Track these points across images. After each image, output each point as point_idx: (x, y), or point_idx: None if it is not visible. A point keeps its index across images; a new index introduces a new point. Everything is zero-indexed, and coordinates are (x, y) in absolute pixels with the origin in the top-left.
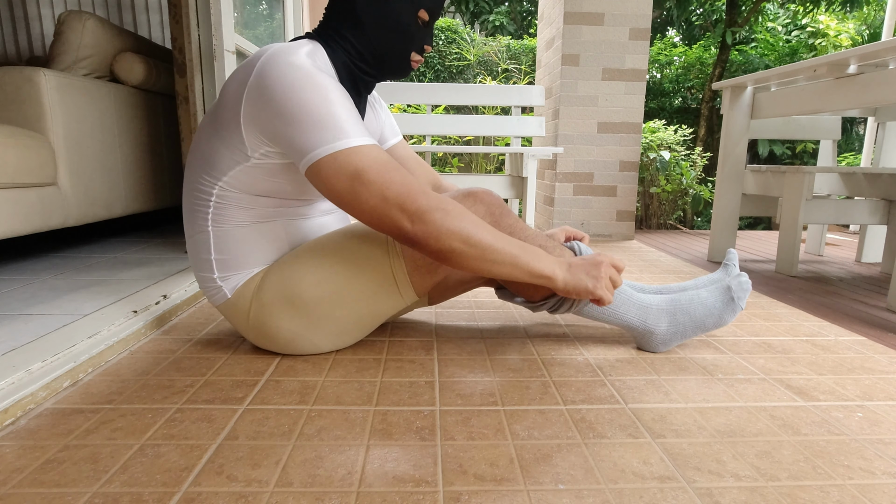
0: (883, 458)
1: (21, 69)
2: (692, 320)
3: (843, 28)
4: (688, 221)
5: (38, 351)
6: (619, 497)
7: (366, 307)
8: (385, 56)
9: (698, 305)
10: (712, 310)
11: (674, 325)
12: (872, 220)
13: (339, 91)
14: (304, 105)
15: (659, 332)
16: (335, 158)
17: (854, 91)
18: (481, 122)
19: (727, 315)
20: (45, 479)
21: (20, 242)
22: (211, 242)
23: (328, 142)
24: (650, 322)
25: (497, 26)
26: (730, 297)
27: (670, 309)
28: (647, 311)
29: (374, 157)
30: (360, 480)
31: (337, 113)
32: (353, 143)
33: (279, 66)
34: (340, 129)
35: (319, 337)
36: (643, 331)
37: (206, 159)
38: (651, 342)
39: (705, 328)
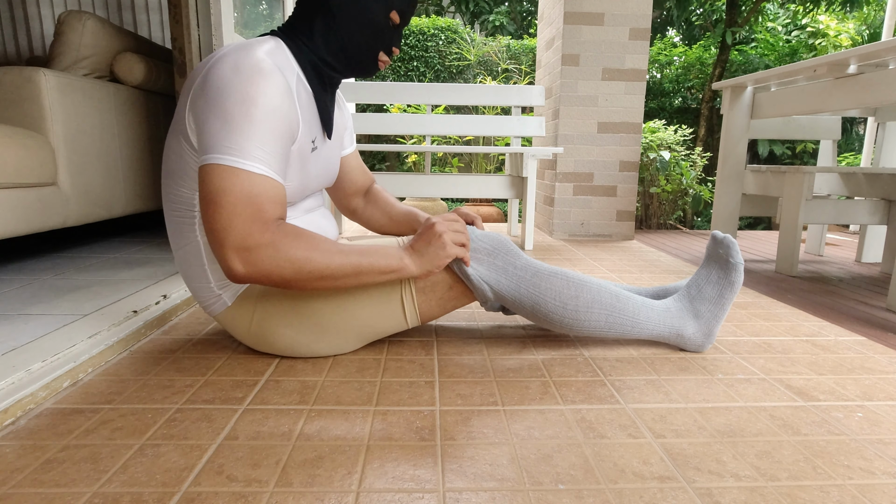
0: (883, 458)
1: (21, 69)
2: (711, 302)
3: (843, 28)
4: (688, 221)
5: (38, 351)
6: (619, 497)
7: (369, 327)
8: (354, 53)
9: (705, 285)
10: (720, 280)
11: (699, 317)
12: (872, 220)
13: (273, 111)
14: (226, 108)
15: (690, 331)
16: (213, 170)
17: (854, 91)
18: (481, 122)
19: (733, 275)
20: (45, 479)
21: (20, 242)
22: (202, 251)
23: (221, 151)
24: (677, 325)
25: (497, 26)
26: (725, 260)
27: (687, 305)
28: (670, 314)
29: (244, 187)
30: (360, 480)
31: (248, 129)
32: (240, 165)
33: (226, 65)
34: (240, 145)
35: (319, 345)
36: (674, 336)
37: (176, 168)
38: (688, 343)
39: (726, 300)
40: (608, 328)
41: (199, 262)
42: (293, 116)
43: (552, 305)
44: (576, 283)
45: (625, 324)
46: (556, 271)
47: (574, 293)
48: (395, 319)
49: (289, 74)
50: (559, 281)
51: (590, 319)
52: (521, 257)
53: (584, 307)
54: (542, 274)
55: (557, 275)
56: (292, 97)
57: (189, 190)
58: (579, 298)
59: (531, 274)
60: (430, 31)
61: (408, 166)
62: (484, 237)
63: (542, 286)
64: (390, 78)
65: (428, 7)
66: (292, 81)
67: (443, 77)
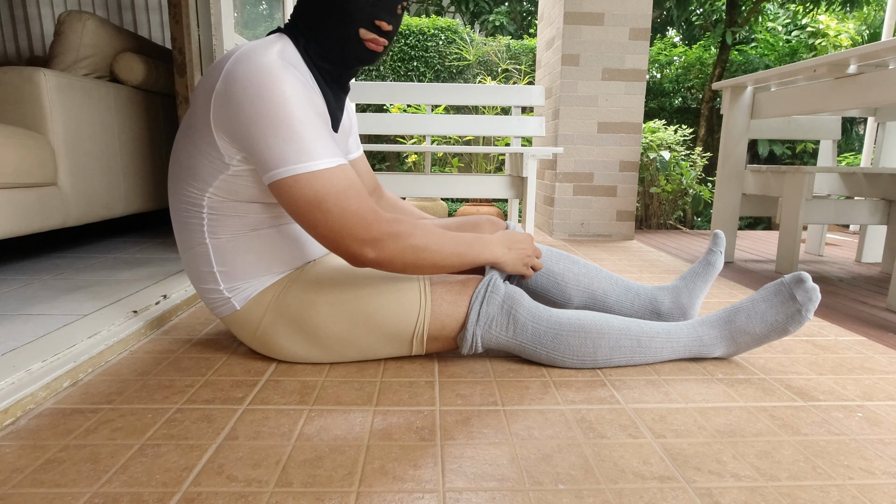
0: (883, 458)
1: (21, 69)
2: (754, 339)
3: (843, 28)
4: (688, 221)
5: (38, 351)
6: (619, 497)
7: (372, 350)
8: (334, 39)
9: (758, 323)
10: (775, 325)
11: (733, 345)
12: (872, 220)
13: (306, 101)
14: (270, 117)
15: (716, 355)
16: (296, 181)
17: (854, 91)
18: (481, 122)
19: (792, 327)
20: (45, 479)
21: (20, 242)
22: (211, 255)
23: (290, 162)
24: (705, 352)
25: (497, 26)
26: (795, 309)
27: (726, 334)
28: (700, 343)
29: (334, 184)
30: (360, 480)
31: (301, 130)
32: (315, 167)
33: (247, 70)
34: (303, 149)
35: (321, 357)
36: (699, 356)
37: (187, 170)
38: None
39: (768, 340)
40: (631, 362)
41: (208, 265)
42: (319, 102)
43: (570, 362)
44: (594, 337)
45: (647, 359)
46: (573, 328)
47: (592, 349)
48: (400, 351)
49: (301, 70)
50: (577, 339)
51: (614, 363)
52: (535, 315)
53: (604, 358)
54: (561, 335)
55: (575, 333)
56: (308, 83)
57: (199, 193)
58: (598, 353)
59: (551, 337)
60: (430, 31)
61: (408, 166)
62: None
63: (561, 348)
64: (390, 78)
65: (428, 7)
66: (307, 80)
67: (443, 77)
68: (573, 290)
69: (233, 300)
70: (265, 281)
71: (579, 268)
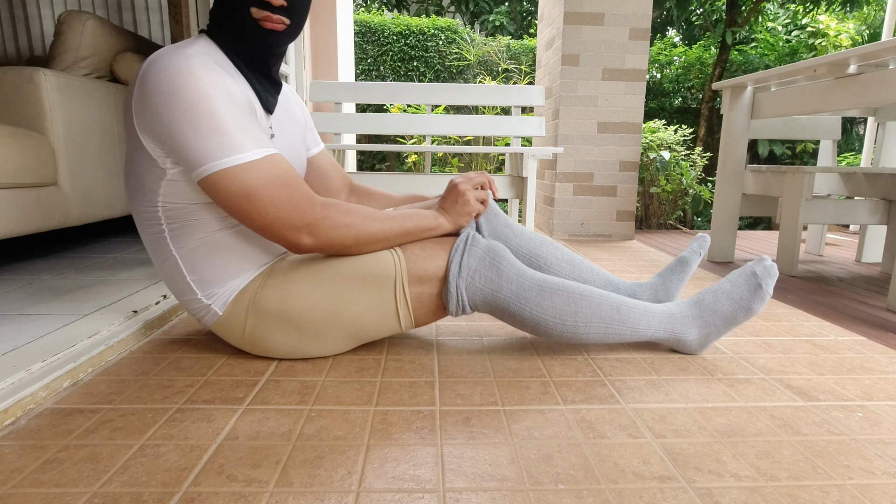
0: (883, 458)
1: (21, 69)
2: (722, 318)
3: (843, 28)
4: (688, 221)
5: (38, 351)
6: (619, 497)
7: (363, 330)
8: (233, 25)
9: (725, 300)
10: (740, 302)
11: (703, 327)
12: (872, 220)
13: (224, 94)
14: (187, 114)
15: (690, 337)
16: (223, 176)
17: (854, 91)
18: (481, 122)
19: (756, 303)
20: (45, 479)
21: (20, 242)
22: (181, 265)
23: (214, 157)
24: (678, 331)
25: (497, 26)
26: (756, 283)
27: (697, 312)
28: (673, 321)
29: (262, 175)
30: (360, 480)
31: (221, 123)
32: (241, 160)
33: (158, 70)
34: (226, 143)
35: (314, 348)
36: (674, 340)
37: (135, 184)
38: (685, 347)
39: (737, 322)
40: (606, 337)
41: (181, 276)
42: (241, 89)
43: (552, 323)
44: (576, 298)
45: (623, 333)
46: (557, 287)
47: (574, 309)
48: (389, 324)
49: (222, 63)
50: (560, 298)
51: (588, 332)
52: (518, 269)
53: (584, 322)
54: (545, 292)
55: (559, 291)
56: (229, 75)
57: (151, 205)
58: (579, 314)
59: (536, 292)
60: (430, 31)
61: (408, 166)
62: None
63: (545, 305)
64: (390, 78)
65: (428, 7)
66: (230, 71)
67: (443, 77)
68: (555, 275)
69: (213, 306)
70: (239, 282)
71: (562, 254)
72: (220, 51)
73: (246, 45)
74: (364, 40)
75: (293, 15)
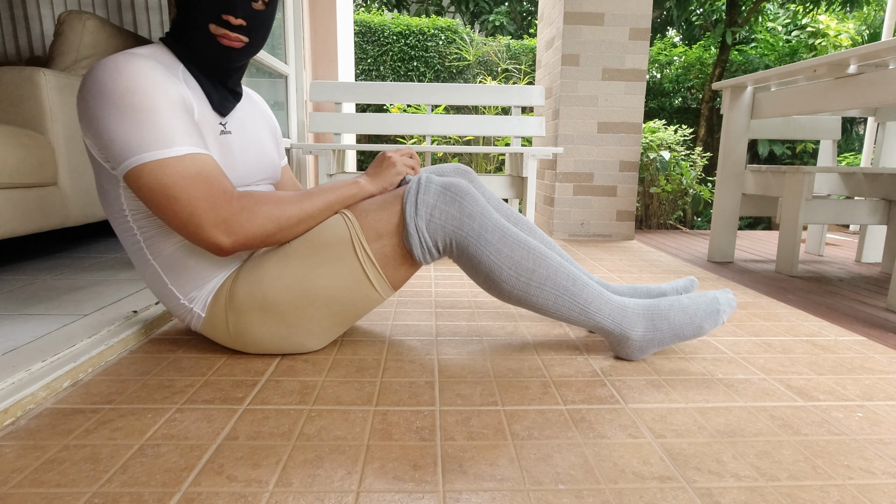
0: (883, 458)
1: (21, 69)
2: (671, 327)
3: (843, 28)
4: (688, 221)
5: (38, 351)
6: (619, 497)
7: (341, 305)
8: (191, 38)
9: (678, 312)
10: (693, 318)
11: (651, 330)
12: (872, 220)
13: (155, 91)
14: (112, 110)
15: (635, 336)
16: (141, 171)
17: (854, 91)
18: (481, 122)
19: (707, 324)
20: (45, 479)
21: (20, 242)
22: (161, 273)
23: (135, 152)
24: (626, 325)
25: (497, 26)
26: (715, 308)
27: (648, 314)
28: (624, 314)
29: (180, 171)
30: (360, 480)
31: (146, 119)
32: (161, 156)
33: (96, 70)
34: (149, 138)
35: (302, 336)
36: (619, 335)
37: (101, 193)
38: (627, 348)
39: (683, 337)
40: (554, 307)
41: (163, 283)
42: (178, 89)
43: (506, 274)
44: (536, 256)
45: (573, 309)
46: (520, 240)
47: (531, 266)
48: (364, 291)
49: (170, 66)
50: (521, 251)
51: (538, 296)
52: (484, 209)
53: (537, 283)
54: (507, 239)
55: (521, 244)
56: (169, 75)
57: (121, 215)
58: (534, 274)
59: (499, 236)
60: (430, 31)
61: None
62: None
63: (503, 252)
64: (390, 78)
65: (428, 7)
66: (178, 75)
67: (443, 77)
68: None
69: (195, 309)
70: (215, 282)
71: (538, 237)
72: (173, 55)
73: (203, 58)
74: (364, 40)
75: (251, 33)
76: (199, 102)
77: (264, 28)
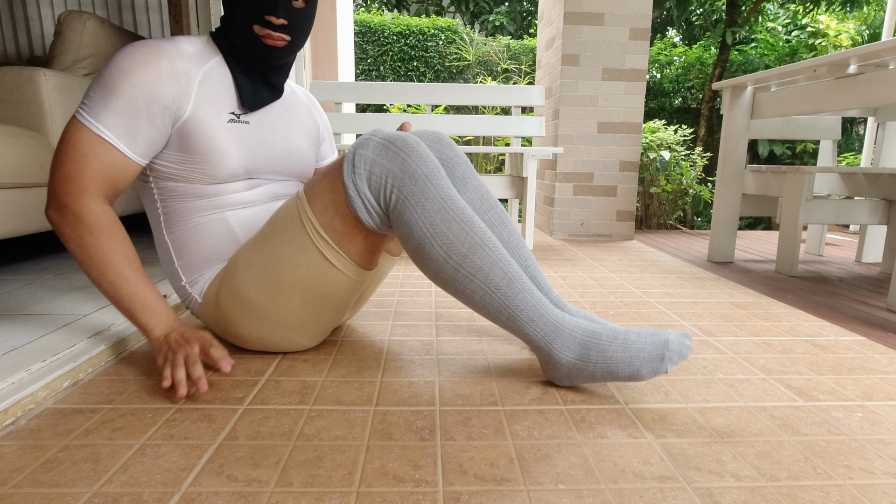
0: (883, 458)
1: (21, 69)
2: (605, 362)
3: (843, 28)
4: (688, 221)
5: (38, 351)
6: (619, 497)
7: (310, 292)
8: (236, 37)
9: (619, 348)
10: (633, 358)
11: (583, 359)
12: (872, 220)
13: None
14: (102, 74)
15: (563, 361)
16: (72, 121)
17: (854, 91)
18: (481, 122)
19: (645, 370)
20: (45, 479)
21: (20, 242)
22: (171, 251)
23: (80, 106)
24: (556, 345)
25: (497, 26)
26: (660, 353)
27: (585, 340)
28: (557, 332)
29: (76, 144)
30: (360, 480)
31: (106, 95)
32: (84, 122)
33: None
34: (95, 107)
35: (285, 332)
36: (546, 353)
37: None
38: (553, 370)
39: (617, 376)
40: (482, 306)
41: (170, 259)
42: (171, 93)
43: (436, 252)
44: (473, 241)
45: (501, 311)
46: (463, 218)
47: (464, 251)
48: (324, 270)
49: (198, 60)
50: (459, 230)
51: (467, 287)
52: (431, 171)
53: (466, 272)
54: (448, 212)
55: (462, 223)
56: (177, 76)
57: (147, 186)
58: (466, 259)
59: (439, 207)
60: (430, 31)
61: None
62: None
63: (439, 227)
64: (390, 78)
65: (428, 7)
66: (202, 67)
67: (443, 77)
68: None
69: (193, 294)
70: (213, 271)
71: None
72: (214, 48)
73: (247, 57)
74: (364, 40)
75: (293, 31)
76: (216, 95)
77: (306, 26)
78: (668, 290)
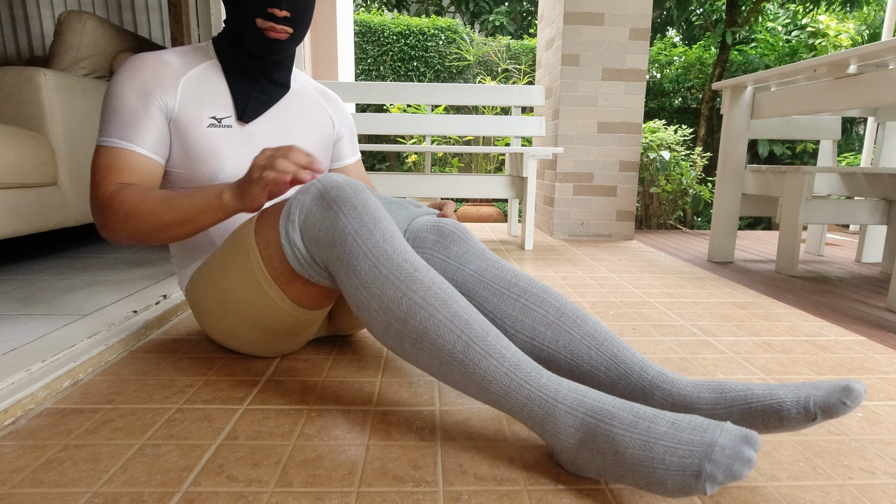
0: (883, 458)
1: (21, 69)
2: (613, 455)
3: (843, 28)
4: (688, 221)
5: (38, 351)
6: (620, 497)
7: (253, 315)
8: (236, 29)
9: (636, 442)
10: (654, 462)
11: (587, 447)
12: (872, 220)
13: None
14: (104, 100)
15: (562, 446)
16: (96, 150)
17: (854, 91)
18: (481, 122)
19: (671, 483)
20: (45, 479)
21: (20, 242)
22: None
23: (98, 134)
24: (549, 426)
25: (497, 26)
26: (697, 466)
27: (590, 422)
28: (547, 407)
29: (101, 159)
30: (360, 480)
31: (106, 113)
32: (101, 140)
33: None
34: (103, 128)
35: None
36: (540, 435)
37: None
38: (557, 456)
39: (626, 480)
40: (445, 378)
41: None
42: (159, 83)
43: (375, 318)
44: (409, 303)
45: (467, 383)
46: (399, 273)
47: (402, 314)
48: (266, 302)
49: (181, 66)
50: (391, 289)
51: (416, 355)
52: (364, 225)
53: (411, 339)
54: (378, 271)
55: (398, 280)
56: (162, 73)
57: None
58: (407, 324)
59: (369, 267)
60: (430, 31)
61: (408, 166)
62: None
63: (372, 288)
64: (390, 78)
65: (428, 7)
66: (186, 70)
67: (443, 77)
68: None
69: (182, 283)
70: (194, 266)
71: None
72: (208, 54)
73: (248, 51)
74: (364, 40)
75: (295, 23)
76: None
77: (307, 17)
78: (668, 290)
